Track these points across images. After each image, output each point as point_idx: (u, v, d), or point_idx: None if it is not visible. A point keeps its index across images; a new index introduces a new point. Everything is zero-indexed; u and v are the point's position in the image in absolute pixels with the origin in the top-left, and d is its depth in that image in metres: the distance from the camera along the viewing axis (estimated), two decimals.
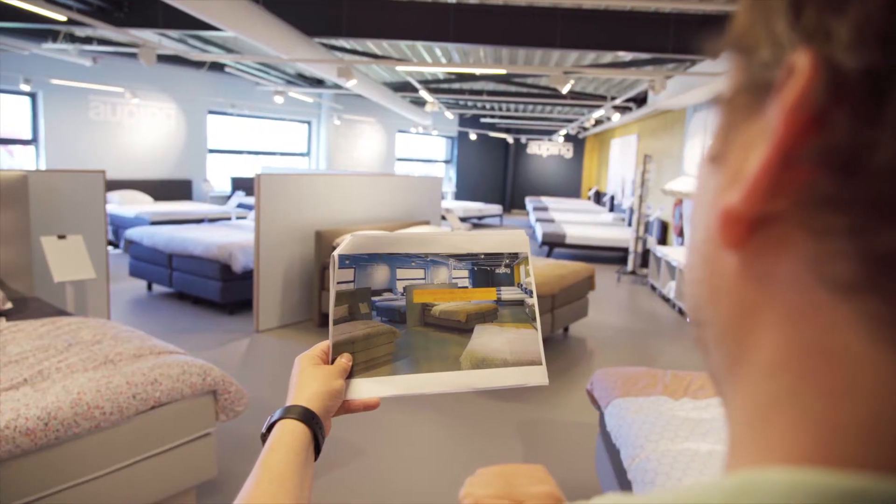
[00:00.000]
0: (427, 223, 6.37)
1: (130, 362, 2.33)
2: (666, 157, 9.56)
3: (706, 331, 0.24)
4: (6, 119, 8.23)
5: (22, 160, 8.54)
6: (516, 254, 0.74)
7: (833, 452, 0.18)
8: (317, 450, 0.62)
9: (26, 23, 6.11)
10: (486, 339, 0.71)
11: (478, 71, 7.66)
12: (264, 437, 0.61)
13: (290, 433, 0.59)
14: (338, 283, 0.69)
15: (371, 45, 7.78)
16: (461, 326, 0.71)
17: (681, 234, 7.95)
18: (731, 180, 0.21)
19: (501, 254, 0.74)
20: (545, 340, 4.33)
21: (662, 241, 8.83)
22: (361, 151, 14.20)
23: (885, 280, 0.17)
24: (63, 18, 5.06)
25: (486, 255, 0.73)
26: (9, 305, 3.07)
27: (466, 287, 0.72)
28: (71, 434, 1.97)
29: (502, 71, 6.55)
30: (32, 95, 8.37)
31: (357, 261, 0.70)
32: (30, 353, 2.35)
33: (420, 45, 7.60)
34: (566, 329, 5.26)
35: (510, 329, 0.72)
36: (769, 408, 0.20)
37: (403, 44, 7.58)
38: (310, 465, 0.59)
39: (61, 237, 3.51)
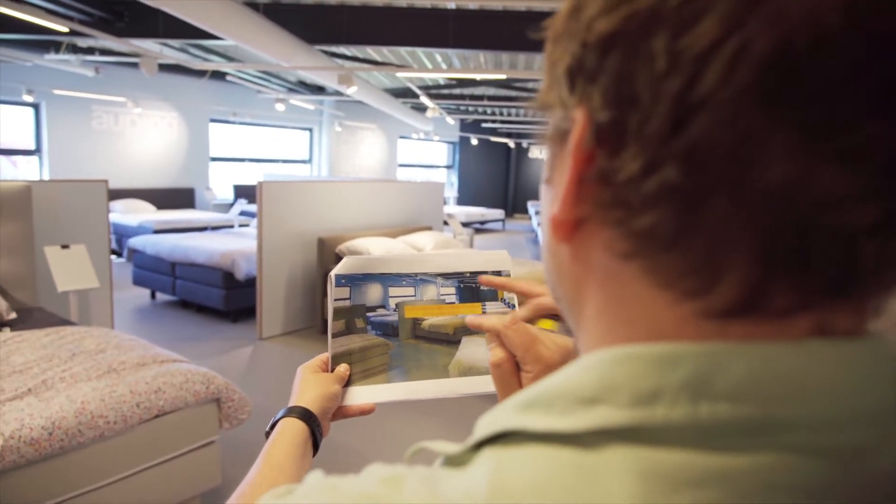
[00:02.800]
0: (429, 229, 6.36)
1: (134, 371, 2.34)
2: None
3: (561, 303, 0.34)
4: (9, 130, 8.28)
5: (25, 171, 8.58)
6: (499, 272, 0.79)
7: None
8: (315, 446, 0.69)
9: (29, 34, 6.15)
10: (473, 349, 0.76)
11: (478, 76, 7.69)
12: (268, 434, 0.68)
13: (290, 429, 0.66)
14: (335, 300, 0.76)
15: (371, 51, 7.81)
16: (449, 338, 0.77)
17: None
18: (555, 197, 0.29)
19: (486, 272, 0.79)
20: None
21: None
22: (363, 158, 14.23)
23: (646, 248, 0.26)
24: (65, 30, 5.09)
25: (471, 273, 0.79)
26: (13, 315, 3.08)
27: (454, 303, 0.78)
28: (75, 443, 1.97)
29: (502, 76, 6.57)
30: (35, 106, 8.41)
31: (352, 280, 0.77)
32: (34, 362, 2.36)
33: (420, 52, 7.63)
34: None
35: None
36: (598, 341, 0.29)
37: (404, 50, 7.62)
38: (307, 458, 0.66)
39: (65, 247, 3.52)
